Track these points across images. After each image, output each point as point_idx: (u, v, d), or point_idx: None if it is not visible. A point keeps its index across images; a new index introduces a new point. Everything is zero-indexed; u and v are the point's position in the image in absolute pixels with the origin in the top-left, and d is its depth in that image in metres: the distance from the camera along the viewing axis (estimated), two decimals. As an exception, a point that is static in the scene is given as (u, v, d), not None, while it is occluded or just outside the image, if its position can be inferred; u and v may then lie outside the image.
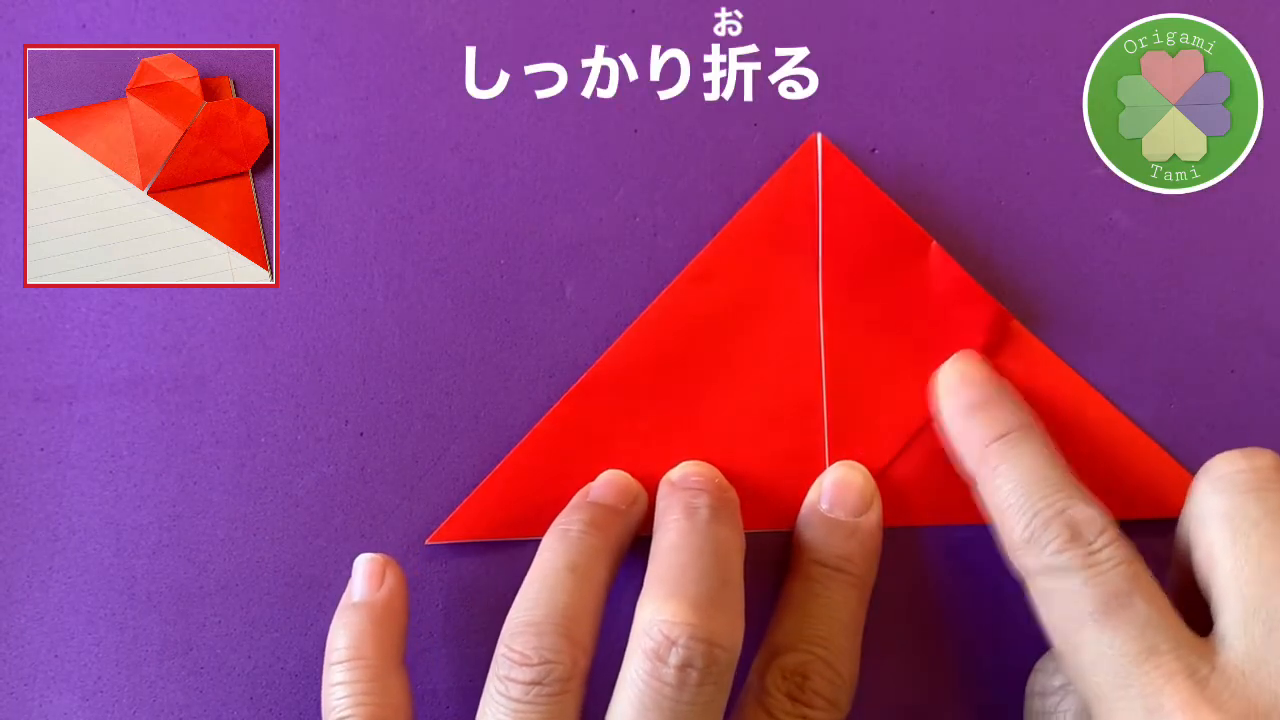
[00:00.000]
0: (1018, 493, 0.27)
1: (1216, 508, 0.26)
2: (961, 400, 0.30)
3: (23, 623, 0.32)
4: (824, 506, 0.30)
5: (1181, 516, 0.28)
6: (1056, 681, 0.28)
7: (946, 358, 0.31)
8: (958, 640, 0.32)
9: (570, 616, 0.27)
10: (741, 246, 0.31)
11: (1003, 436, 0.28)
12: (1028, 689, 0.30)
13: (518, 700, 0.26)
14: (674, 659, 0.25)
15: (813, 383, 0.31)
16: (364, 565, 0.30)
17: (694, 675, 0.25)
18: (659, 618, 0.25)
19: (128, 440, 0.32)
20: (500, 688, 0.26)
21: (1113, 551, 0.26)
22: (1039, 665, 0.29)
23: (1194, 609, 0.27)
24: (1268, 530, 0.25)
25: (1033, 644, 0.31)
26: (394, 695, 0.28)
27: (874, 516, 0.30)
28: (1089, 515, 0.26)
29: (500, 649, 0.27)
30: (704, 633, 0.25)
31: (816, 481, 0.31)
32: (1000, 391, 0.30)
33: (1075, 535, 0.26)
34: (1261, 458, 0.26)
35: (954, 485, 0.31)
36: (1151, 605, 0.25)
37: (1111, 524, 0.26)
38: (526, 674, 0.26)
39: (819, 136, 0.31)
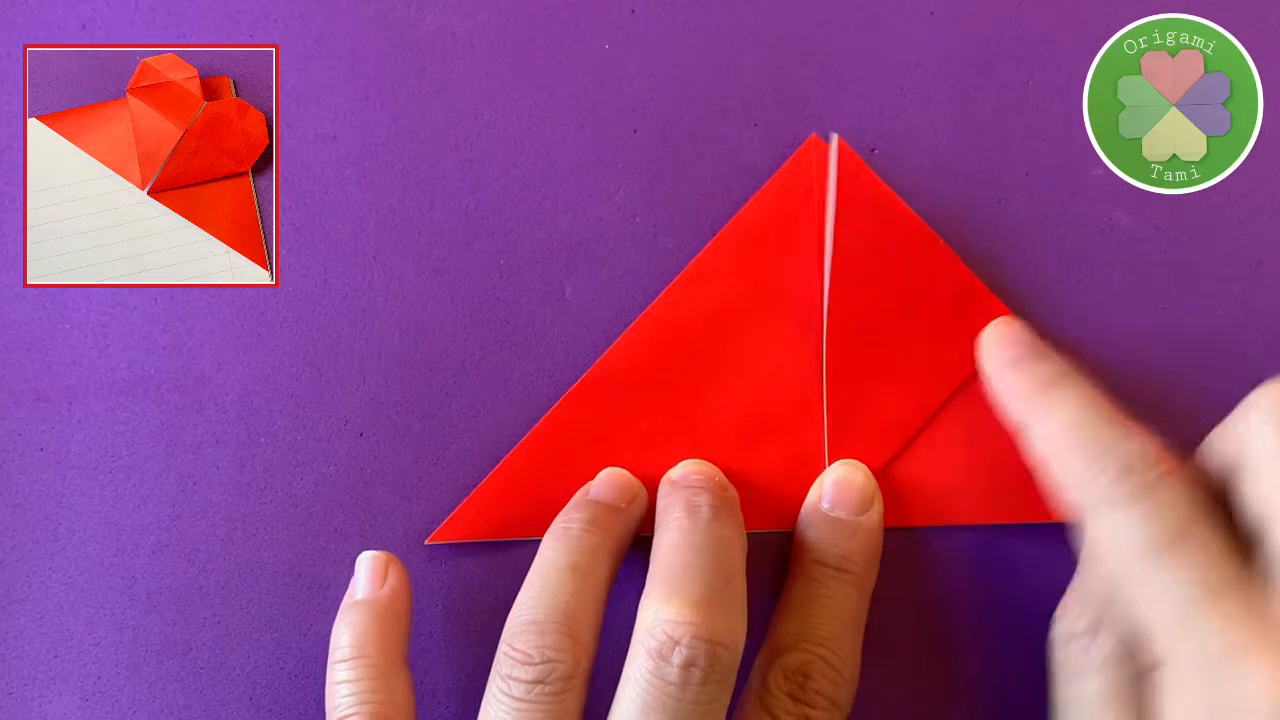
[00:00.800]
0: (1073, 428, 0.27)
1: (1270, 442, 0.25)
2: (1006, 355, 0.29)
3: (23, 623, 0.32)
4: (825, 505, 0.30)
5: (1217, 442, 0.27)
6: (1081, 625, 0.28)
7: (948, 358, 0.31)
8: (958, 640, 0.32)
9: (572, 615, 0.27)
10: (741, 246, 0.31)
11: (1051, 381, 0.28)
12: (1051, 639, 0.29)
13: (520, 699, 0.26)
14: (677, 658, 0.25)
15: (813, 382, 0.31)
16: (366, 563, 0.30)
17: (697, 675, 0.25)
18: (662, 617, 0.25)
19: (128, 440, 0.32)
20: (503, 687, 0.26)
21: (1173, 484, 0.25)
22: (1059, 614, 0.29)
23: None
24: None
25: (1032, 644, 0.30)
26: (397, 693, 0.28)
27: (875, 515, 0.30)
28: (1146, 448, 0.26)
29: (502, 648, 0.27)
30: (707, 632, 0.25)
31: (817, 480, 0.31)
32: (1043, 350, 0.29)
33: (1133, 466, 0.25)
34: None
35: (954, 485, 0.31)
36: (1214, 540, 0.24)
37: (1167, 454, 0.26)
38: (529, 673, 0.26)
39: (834, 138, 0.31)
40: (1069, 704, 0.28)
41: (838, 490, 0.30)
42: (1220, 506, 0.27)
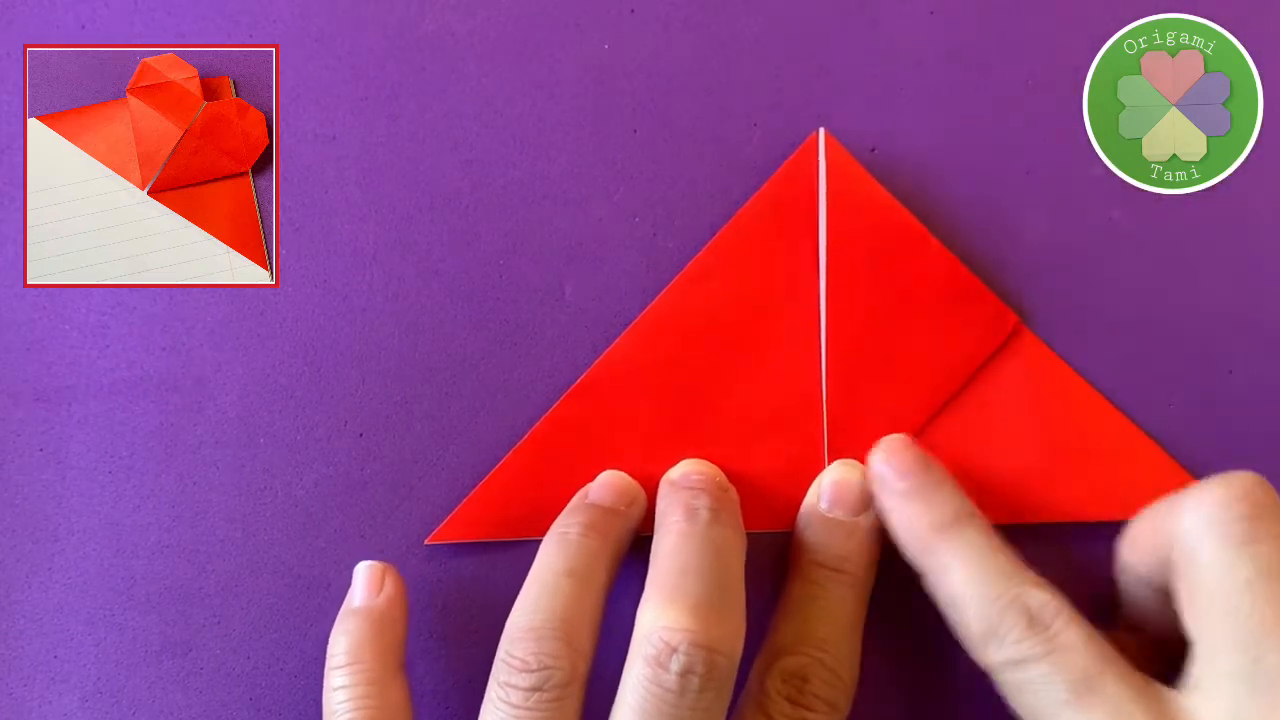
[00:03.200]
0: (968, 583, 0.27)
1: (1208, 557, 0.25)
2: (898, 490, 0.29)
3: (22, 623, 0.32)
4: (823, 506, 0.30)
5: (1154, 534, 0.27)
6: None
7: (947, 358, 0.31)
8: (958, 641, 0.32)
9: (569, 622, 0.27)
10: (742, 246, 0.31)
11: (946, 526, 0.28)
12: None
13: (518, 706, 0.26)
14: (675, 666, 0.25)
15: (813, 382, 0.31)
16: (364, 572, 0.30)
17: (695, 682, 0.25)
18: (659, 624, 0.25)
19: (128, 440, 0.32)
20: (500, 694, 0.26)
21: (1074, 633, 0.26)
22: None
23: (1142, 619, 0.28)
24: (1266, 595, 0.24)
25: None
26: (392, 700, 0.28)
27: (873, 516, 0.30)
28: (1043, 599, 0.26)
29: (500, 654, 0.27)
30: (704, 639, 0.25)
31: (815, 481, 0.31)
32: (936, 478, 0.29)
33: (1033, 621, 0.26)
34: (1255, 500, 0.25)
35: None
36: (1122, 683, 0.25)
37: (1066, 604, 0.26)
38: (526, 680, 0.26)
39: (822, 133, 0.31)
40: None
41: (835, 491, 0.30)
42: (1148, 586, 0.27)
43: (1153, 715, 0.25)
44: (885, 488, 0.29)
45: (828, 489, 0.30)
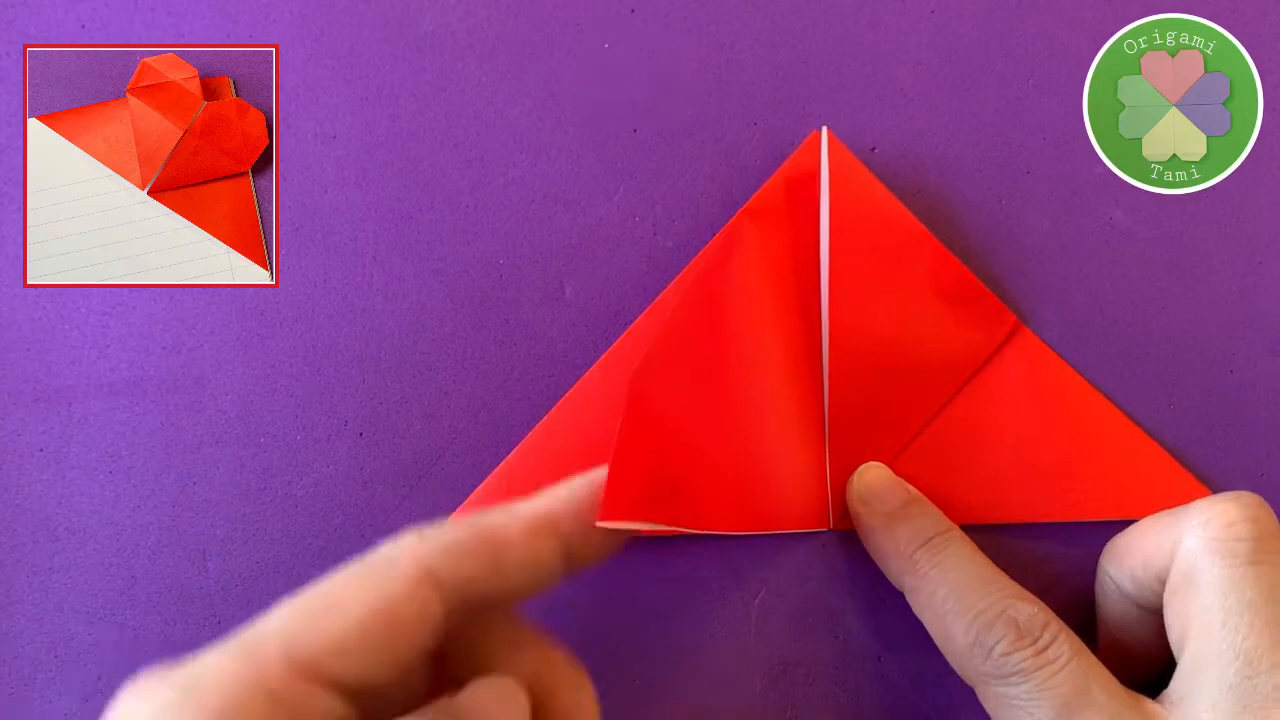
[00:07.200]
0: (953, 596, 0.27)
1: (1212, 574, 0.25)
2: (879, 512, 0.29)
3: (22, 623, 0.32)
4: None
5: (1148, 549, 0.27)
6: None
7: (948, 357, 0.31)
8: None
9: None
10: (743, 245, 0.31)
11: (928, 542, 0.28)
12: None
13: None
14: None
15: (814, 382, 0.31)
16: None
17: None
18: None
19: (128, 440, 0.32)
20: None
21: (1061, 646, 0.26)
22: None
23: (1126, 628, 0.28)
24: (1266, 615, 0.25)
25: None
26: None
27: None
28: (1030, 612, 0.26)
29: None
30: None
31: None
32: (915, 499, 0.30)
33: (1022, 634, 0.26)
34: (1260, 522, 0.26)
35: (954, 485, 0.31)
36: (1110, 697, 0.25)
37: (1053, 617, 0.26)
38: None
39: (825, 131, 0.31)
40: None
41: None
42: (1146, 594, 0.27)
43: None
44: (867, 512, 0.30)
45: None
